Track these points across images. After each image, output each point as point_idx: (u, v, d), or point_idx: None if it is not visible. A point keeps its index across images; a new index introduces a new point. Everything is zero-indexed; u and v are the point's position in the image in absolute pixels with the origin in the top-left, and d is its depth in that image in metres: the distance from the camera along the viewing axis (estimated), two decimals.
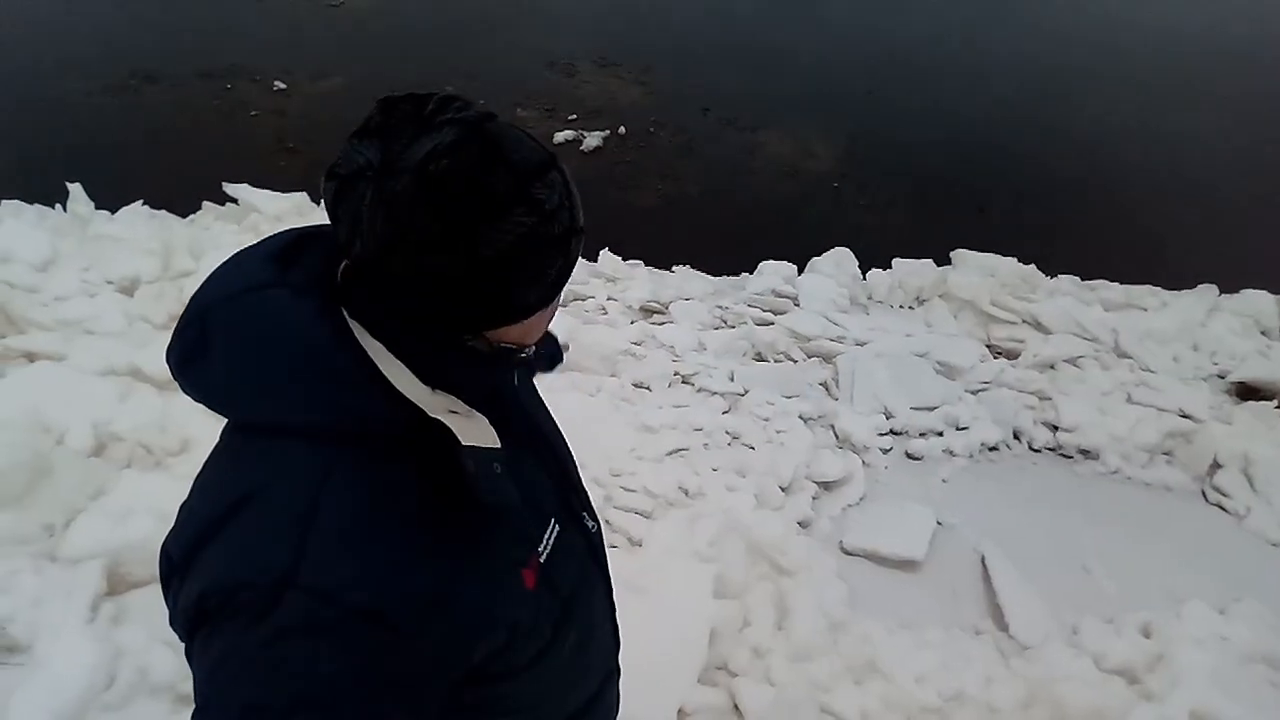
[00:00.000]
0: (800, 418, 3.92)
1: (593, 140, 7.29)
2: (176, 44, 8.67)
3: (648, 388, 4.02)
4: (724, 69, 8.60)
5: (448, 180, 0.75)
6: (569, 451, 1.12)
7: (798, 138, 7.40)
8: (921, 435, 3.93)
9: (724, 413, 3.89)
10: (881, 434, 3.90)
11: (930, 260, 5.04)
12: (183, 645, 0.83)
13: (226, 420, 0.88)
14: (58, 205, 4.56)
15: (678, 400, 3.95)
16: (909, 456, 3.85)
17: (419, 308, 0.80)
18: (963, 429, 3.97)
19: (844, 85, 8.30)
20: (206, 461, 0.88)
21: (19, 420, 2.76)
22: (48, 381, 3.15)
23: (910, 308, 4.92)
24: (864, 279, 5.03)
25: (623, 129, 7.47)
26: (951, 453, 3.86)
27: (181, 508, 0.86)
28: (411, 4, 10.04)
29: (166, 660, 2.21)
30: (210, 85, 8.02)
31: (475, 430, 0.85)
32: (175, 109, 7.60)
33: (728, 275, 5.05)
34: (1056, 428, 3.99)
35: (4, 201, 4.66)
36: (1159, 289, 4.93)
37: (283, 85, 8.09)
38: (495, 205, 0.76)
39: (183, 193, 5.08)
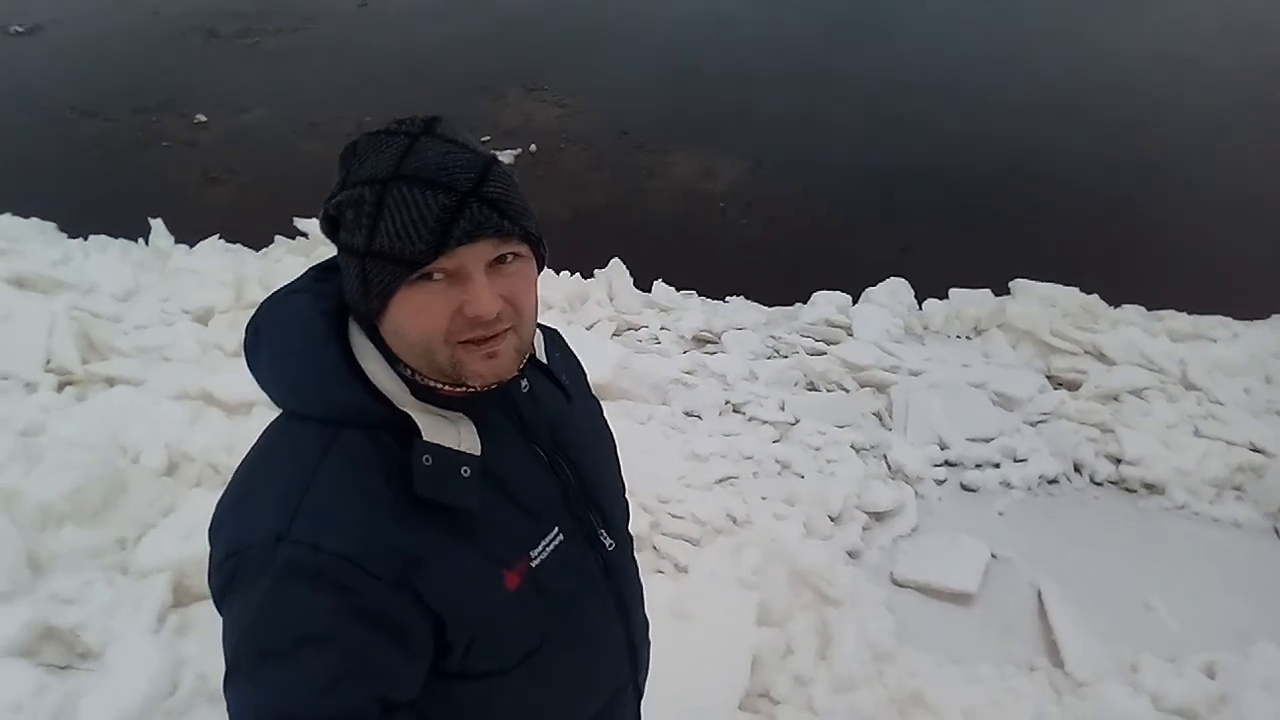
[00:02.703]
0: (852, 447, 3.90)
1: (504, 159, 7.47)
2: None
3: (698, 416, 4.05)
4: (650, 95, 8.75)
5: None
6: (608, 471, 1.18)
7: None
8: (977, 467, 3.87)
9: (774, 441, 3.89)
10: (936, 465, 3.85)
11: (988, 290, 4.97)
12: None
13: None
14: (140, 239, 4.82)
15: (728, 429, 3.96)
16: (964, 488, 3.79)
17: None
18: (1020, 461, 3.89)
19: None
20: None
21: (98, 441, 2.94)
22: (125, 404, 3.34)
23: (967, 338, 4.86)
24: (919, 308, 4.99)
25: (534, 147, 7.70)
26: (1009, 485, 3.78)
27: None
28: (362, 36, 10.42)
29: None
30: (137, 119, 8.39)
31: (449, 431, 0.93)
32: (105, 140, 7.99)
33: (781, 305, 5.06)
34: (1119, 460, 3.88)
35: (92, 236, 4.95)
36: (1229, 319, 4.78)
37: (203, 118, 8.46)
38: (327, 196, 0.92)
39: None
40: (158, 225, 4.68)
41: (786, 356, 4.57)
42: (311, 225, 5.07)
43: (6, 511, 2.53)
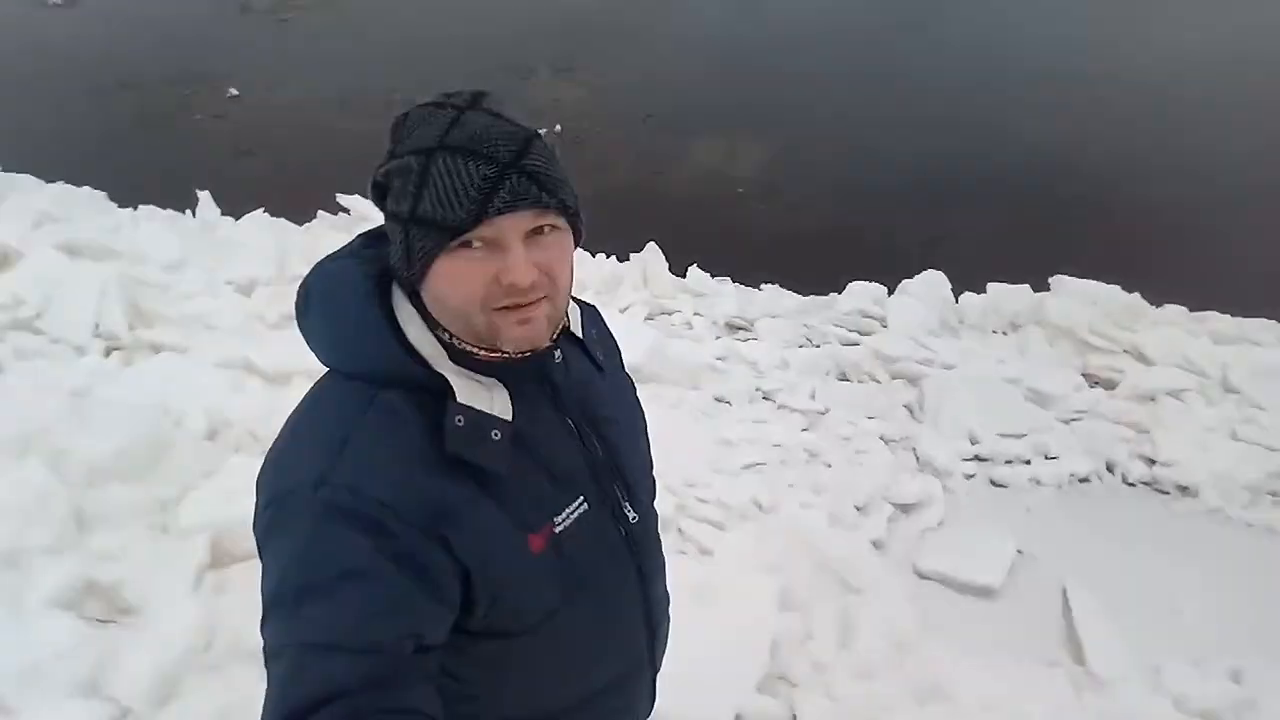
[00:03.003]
0: (881, 439, 3.90)
1: None
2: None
3: (728, 402, 4.07)
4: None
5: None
6: (636, 446, 1.21)
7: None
8: (1008, 463, 3.84)
9: (804, 430, 3.90)
10: (965, 459, 3.83)
11: (1027, 285, 4.92)
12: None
13: None
14: (187, 211, 4.93)
15: (757, 416, 3.98)
16: (993, 484, 3.77)
17: None
18: (1052, 458, 3.86)
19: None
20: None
21: (143, 404, 3.02)
22: (170, 371, 3.43)
23: (1004, 333, 4.81)
24: (956, 302, 4.95)
25: (559, 127, 7.74)
26: (1038, 482, 3.76)
27: None
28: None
29: (259, 631, 2.38)
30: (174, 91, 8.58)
31: (482, 395, 0.97)
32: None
33: (815, 295, 5.05)
34: (1153, 462, 3.83)
35: (141, 206, 5.07)
36: (1274, 322, 4.68)
37: (235, 92, 8.58)
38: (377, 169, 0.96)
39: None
40: (205, 197, 4.78)
41: (819, 346, 4.57)
42: (354, 201, 5.16)
43: (55, 469, 2.62)
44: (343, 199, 5.23)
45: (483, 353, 0.98)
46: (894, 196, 6.85)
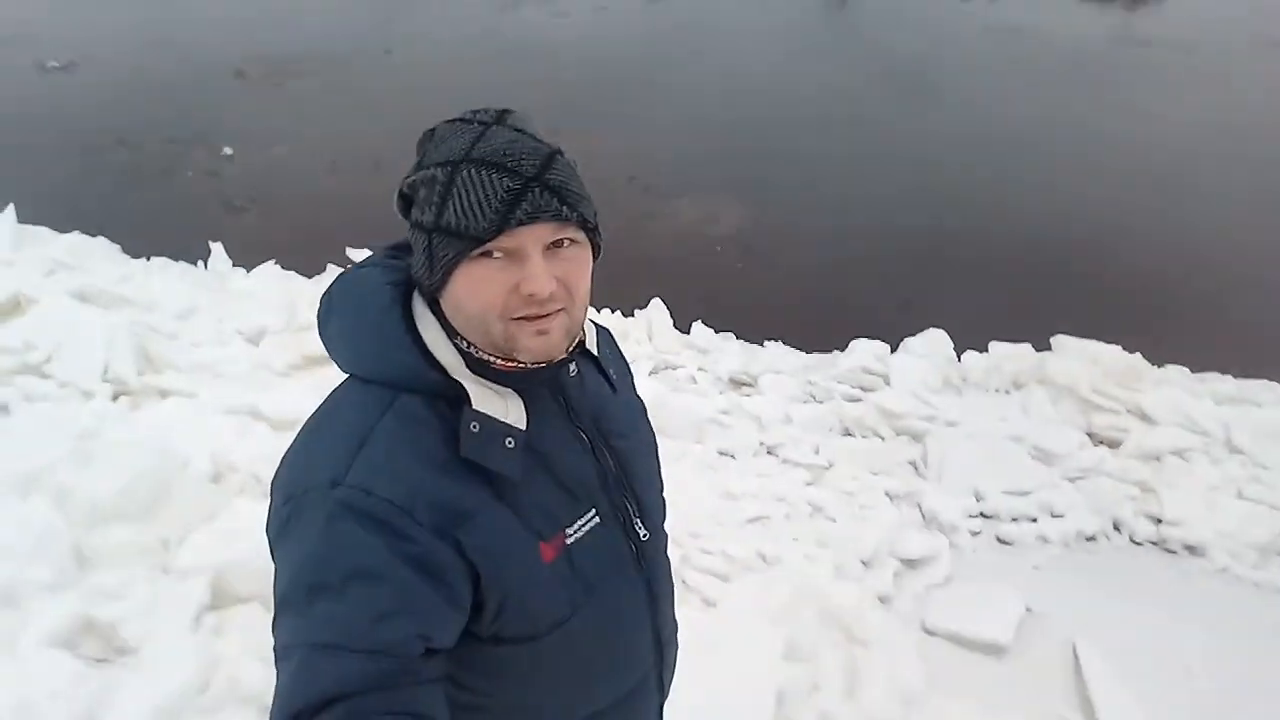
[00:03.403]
0: (886, 494, 3.88)
1: None
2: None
3: (732, 456, 4.06)
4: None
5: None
6: (647, 465, 1.21)
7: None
8: (1013, 520, 3.82)
9: (808, 484, 3.89)
10: (971, 516, 3.81)
11: (1029, 344, 4.95)
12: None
13: None
14: (199, 262, 5.01)
15: (761, 470, 3.97)
16: (999, 541, 3.74)
17: None
18: (1058, 516, 3.84)
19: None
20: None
21: (148, 445, 3.03)
22: (177, 415, 3.45)
23: (1006, 392, 4.83)
24: (958, 360, 4.98)
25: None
26: (1045, 539, 3.73)
27: None
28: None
29: (256, 673, 2.34)
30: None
31: (498, 403, 0.99)
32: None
33: (818, 352, 5.08)
34: (1160, 520, 3.81)
35: (154, 258, 5.15)
36: (1275, 383, 4.70)
37: (229, 151, 8.77)
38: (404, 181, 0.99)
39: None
40: (217, 249, 4.86)
41: (822, 402, 4.58)
42: (362, 255, 5.23)
43: (59, 507, 2.62)
44: (351, 252, 5.31)
45: (499, 362, 1.00)
46: (887, 260, 6.95)
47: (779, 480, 3.87)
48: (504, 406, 0.99)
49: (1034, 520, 3.83)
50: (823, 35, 13.58)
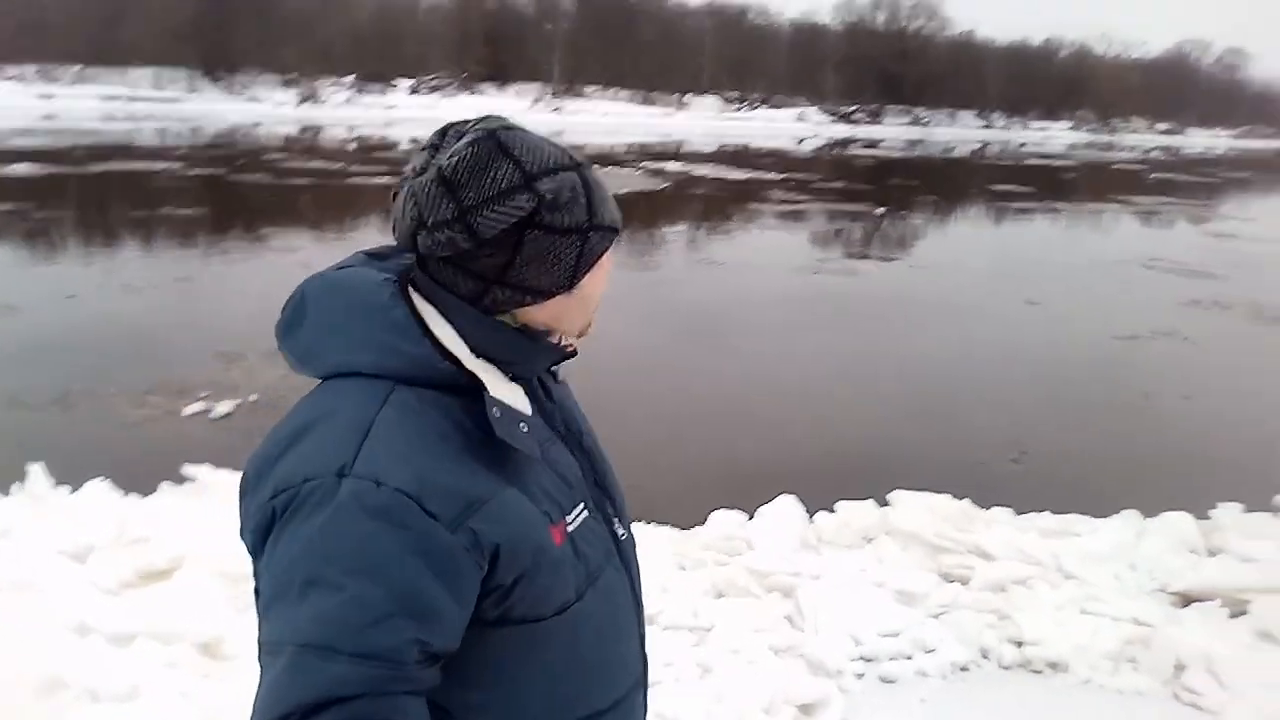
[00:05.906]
0: (770, 648, 3.89)
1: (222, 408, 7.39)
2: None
3: None
4: None
5: (458, 172, 0.97)
6: (610, 467, 1.24)
7: None
8: (891, 659, 3.91)
9: (694, 646, 3.84)
10: (852, 659, 3.88)
11: (871, 500, 5.28)
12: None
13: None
14: (14, 485, 4.55)
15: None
16: (883, 680, 3.81)
17: (444, 279, 1.01)
18: (930, 651, 3.97)
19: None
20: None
21: None
22: None
23: (860, 546, 5.06)
24: (811, 521, 5.20)
25: (254, 397, 7.57)
26: (924, 674, 3.83)
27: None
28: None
29: None
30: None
31: (508, 392, 1.03)
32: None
33: (679, 527, 5.17)
34: (1020, 643, 4.02)
35: None
36: (1087, 516, 5.21)
37: None
38: (496, 192, 0.96)
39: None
40: (35, 469, 4.45)
41: (694, 570, 4.61)
42: (201, 470, 4.94)
43: None
44: (188, 469, 5.00)
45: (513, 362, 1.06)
46: (732, 431, 7.32)
47: (664, 647, 3.80)
48: (512, 394, 1.03)
49: (909, 657, 3.94)
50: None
